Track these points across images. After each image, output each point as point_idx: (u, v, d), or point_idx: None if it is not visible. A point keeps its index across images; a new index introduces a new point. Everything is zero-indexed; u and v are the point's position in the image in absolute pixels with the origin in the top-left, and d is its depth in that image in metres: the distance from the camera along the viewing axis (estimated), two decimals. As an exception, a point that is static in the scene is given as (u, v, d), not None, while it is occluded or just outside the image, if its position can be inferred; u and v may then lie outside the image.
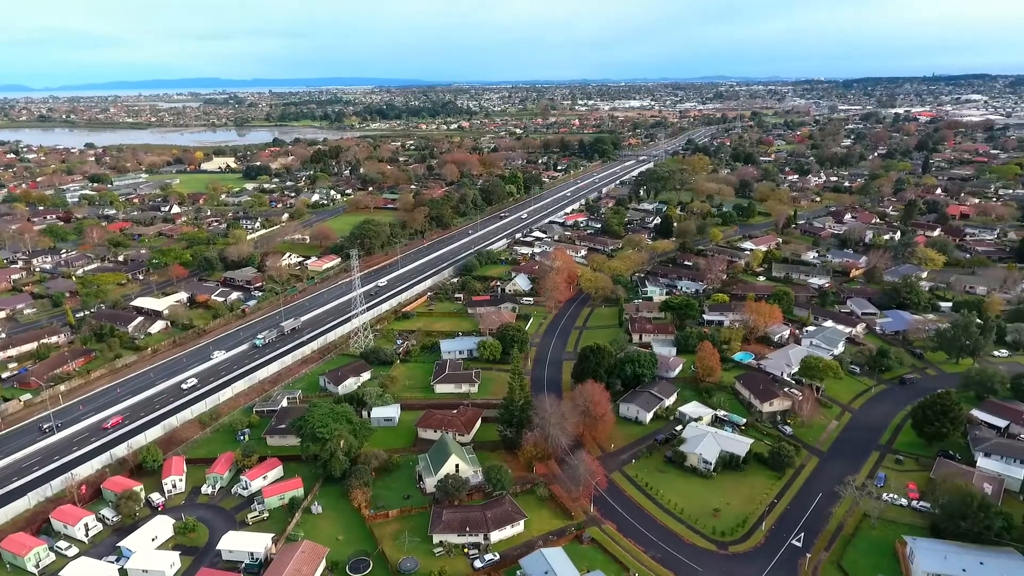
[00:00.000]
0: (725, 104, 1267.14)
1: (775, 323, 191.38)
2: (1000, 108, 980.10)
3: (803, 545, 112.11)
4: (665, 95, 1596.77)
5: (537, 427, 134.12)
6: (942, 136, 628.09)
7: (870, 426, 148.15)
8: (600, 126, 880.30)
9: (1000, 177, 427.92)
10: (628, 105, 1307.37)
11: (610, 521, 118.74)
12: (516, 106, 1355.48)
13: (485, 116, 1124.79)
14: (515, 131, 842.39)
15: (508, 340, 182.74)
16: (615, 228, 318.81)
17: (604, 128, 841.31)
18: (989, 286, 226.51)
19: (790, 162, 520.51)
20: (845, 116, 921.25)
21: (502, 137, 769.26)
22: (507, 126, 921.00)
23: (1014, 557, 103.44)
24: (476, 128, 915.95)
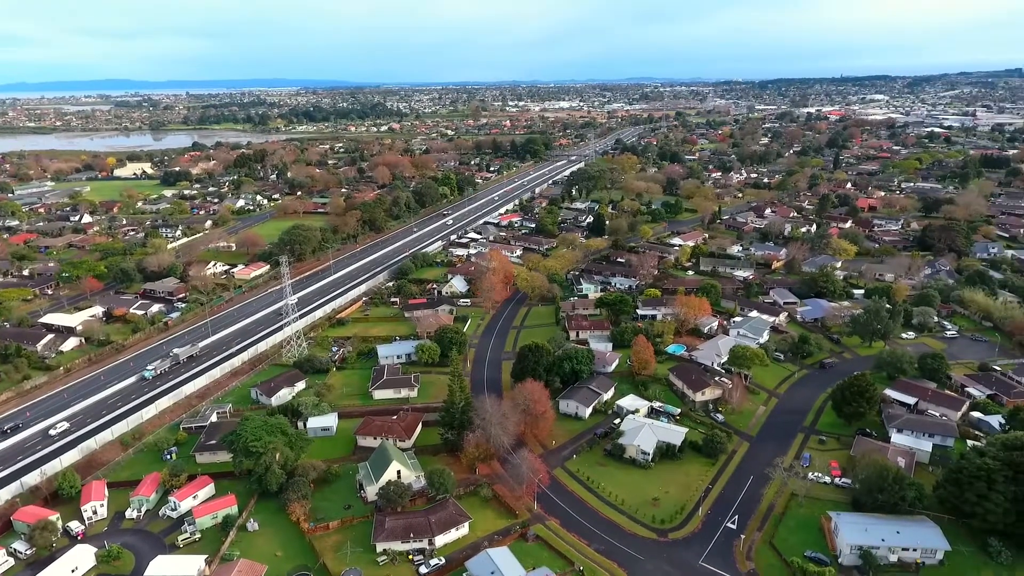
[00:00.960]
0: (651, 105, 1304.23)
1: (704, 315, 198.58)
2: (900, 107, 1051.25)
3: (737, 527, 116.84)
4: (593, 96, 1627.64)
5: (478, 428, 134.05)
6: (850, 134, 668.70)
7: (795, 409, 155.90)
8: (531, 127, 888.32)
9: (902, 171, 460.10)
10: (558, 106, 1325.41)
11: (554, 517, 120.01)
12: (447, 108, 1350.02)
13: (416, 118, 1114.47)
14: (447, 133, 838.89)
15: (446, 342, 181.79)
16: (549, 227, 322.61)
17: (535, 129, 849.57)
18: (896, 273, 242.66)
19: (713, 160, 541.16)
20: (762, 115, 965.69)
21: (434, 139, 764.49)
22: (438, 128, 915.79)
23: (926, 524, 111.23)
24: (407, 130, 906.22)
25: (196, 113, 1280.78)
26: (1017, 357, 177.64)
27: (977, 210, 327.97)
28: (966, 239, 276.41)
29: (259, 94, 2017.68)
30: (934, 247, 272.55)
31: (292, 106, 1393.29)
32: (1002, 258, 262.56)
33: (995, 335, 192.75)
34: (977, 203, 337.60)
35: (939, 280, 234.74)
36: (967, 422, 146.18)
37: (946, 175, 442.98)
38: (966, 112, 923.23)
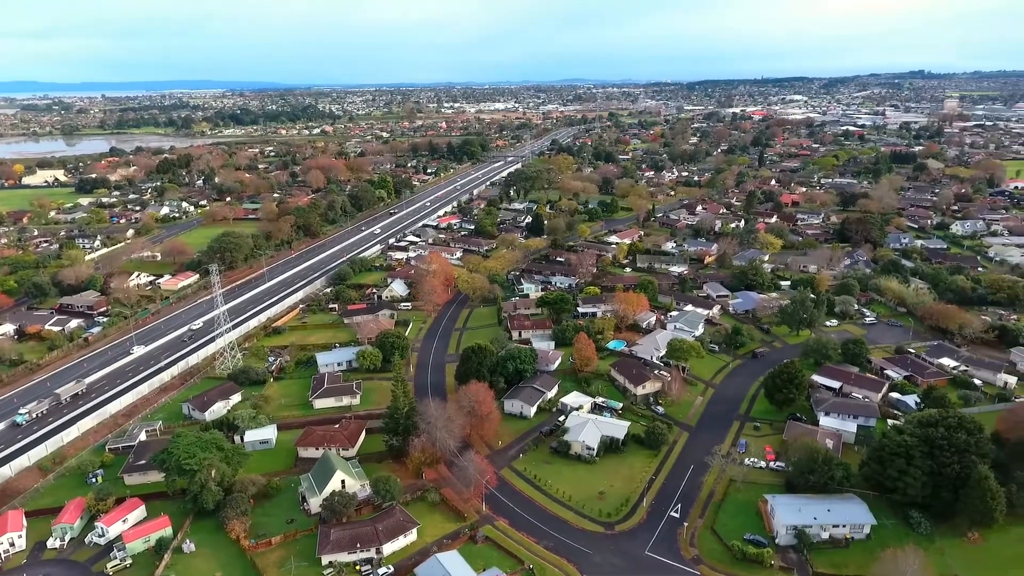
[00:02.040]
0: (584, 106, 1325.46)
1: (643, 311, 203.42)
2: (817, 107, 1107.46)
3: (680, 515, 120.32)
4: (528, 97, 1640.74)
5: (424, 432, 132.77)
6: (772, 133, 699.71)
7: (730, 398, 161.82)
8: (467, 128, 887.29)
9: (821, 168, 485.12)
10: (493, 107, 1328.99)
11: (503, 517, 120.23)
12: (381, 109, 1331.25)
13: (349, 120, 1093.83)
14: (382, 135, 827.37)
15: (388, 347, 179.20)
16: (488, 229, 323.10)
17: (471, 130, 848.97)
18: (819, 265, 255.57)
19: (646, 159, 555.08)
20: (691, 116, 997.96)
21: (368, 141, 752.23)
22: (373, 130, 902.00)
23: (854, 501, 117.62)
24: (340, 132, 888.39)
25: (113, 117, 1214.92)
26: (929, 340, 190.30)
27: (889, 203, 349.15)
28: (880, 231, 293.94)
29: (181, 96, 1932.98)
30: (852, 239, 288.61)
31: (218, 109, 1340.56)
32: (912, 248, 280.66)
33: (909, 320, 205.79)
34: (889, 197, 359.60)
35: (858, 270, 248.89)
36: (887, 403, 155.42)
37: (860, 171, 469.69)
38: (876, 111, 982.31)
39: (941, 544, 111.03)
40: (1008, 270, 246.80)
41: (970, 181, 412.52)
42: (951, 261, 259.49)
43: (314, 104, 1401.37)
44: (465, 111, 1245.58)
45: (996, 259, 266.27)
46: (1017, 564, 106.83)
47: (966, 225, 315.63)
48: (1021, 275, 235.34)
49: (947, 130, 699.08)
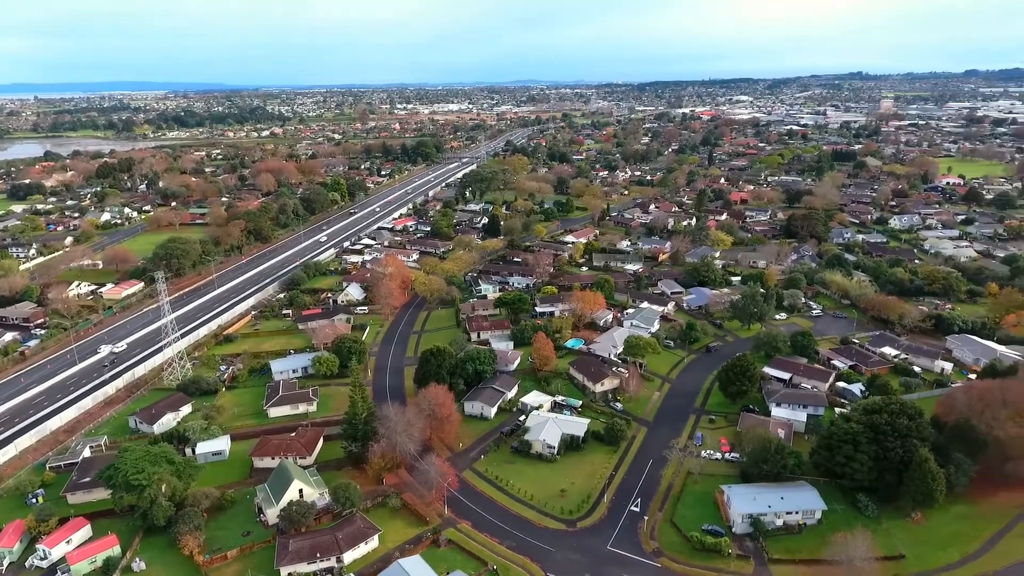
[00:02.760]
0: (538, 107, 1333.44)
1: (600, 309, 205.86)
2: (763, 108, 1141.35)
3: (640, 509, 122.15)
4: (482, 98, 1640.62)
5: (383, 437, 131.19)
6: (721, 132, 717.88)
7: (686, 392, 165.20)
8: (421, 129, 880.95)
9: (767, 166, 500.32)
10: (447, 108, 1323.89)
11: (465, 520, 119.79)
12: (332, 111, 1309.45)
13: (300, 122, 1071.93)
14: (334, 137, 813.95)
15: (345, 352, 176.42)
16: (444, 230, 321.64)
17: (426, 132, 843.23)
18: (767, 260, 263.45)
19: (600, 159, 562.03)
20: (642, 116, 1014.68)
21: (320, 143, 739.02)
22: (324, 132, 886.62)
23: (806, 488, 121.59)
24: (291, 134, 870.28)
25: (48, 119, 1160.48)
26: (871, 330, 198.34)
27: (832, 200, 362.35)
28: (824, 226, 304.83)
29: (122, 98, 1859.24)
30: (798, 234, 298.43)
31: (160, 111, 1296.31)
32: (854, 242, 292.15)
33: (853, 312, 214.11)
34: (831, 193, 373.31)
35: (804, 264, 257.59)
36: (834, 392, 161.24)
37: (804, 169, 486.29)
38: (818, 111, 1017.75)
39: (887, 525, 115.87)
40: (942, 262, 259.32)
41: (906, 178, 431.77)
42: (890, 254, 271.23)
43: (262, 106, 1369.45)
44: (419, 112, 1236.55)
45: (931, 251, 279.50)
46: (956, 540, 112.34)
47: (903, 220, 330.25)
48: (954, 266, 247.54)
49: (884, 129, 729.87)
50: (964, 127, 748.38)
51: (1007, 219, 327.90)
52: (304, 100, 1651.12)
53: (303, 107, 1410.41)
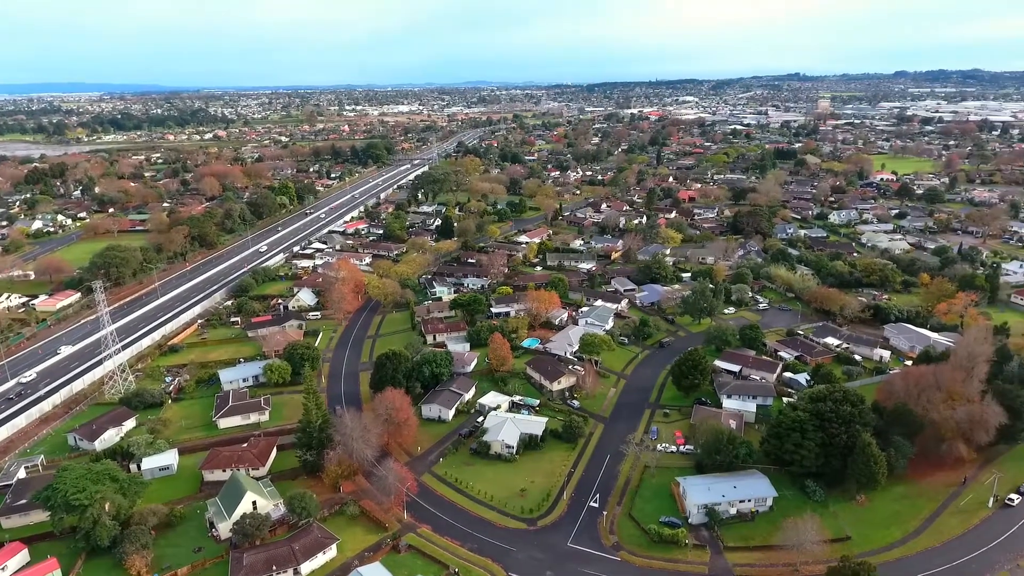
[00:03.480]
0: (489, 107, 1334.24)
1: (555, 308, 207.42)
2: (707, 108, 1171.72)
3: (599, 504, 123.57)
4: (432, 99, 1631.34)
5: (339, 444, 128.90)
6: (668, 132, 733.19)
7: (641, 388, 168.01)
8: (371, 131, 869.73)
9: (713, 165, 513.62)
10: (397, 110, 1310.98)
11: (425, 524, 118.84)
12: (279, 113, 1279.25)
13: (244, 124, 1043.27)
14: (280, 139, 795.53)
15: (297, 359, 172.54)
16: (397, 232, 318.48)
17: (376, 133, 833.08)
18: (715, 256, 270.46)
19: (551, 160, 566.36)
20: (592, 117, 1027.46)
21: (266, 146, 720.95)
22: (271, 134, 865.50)
23: (757, 476, 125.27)
24: (235, 137, 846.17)
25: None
26: (815, 322, 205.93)
27: (775, 196, 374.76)
28: (769, 222, 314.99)
29: (52, 100, 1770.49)
30: (744, 231, 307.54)
31: (95, 113, 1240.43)
32: (797, 237, 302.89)
33: (797, 304, 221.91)
34: (774, 190, 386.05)
35: (750, 260, 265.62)
36: (782, 382, 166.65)
37: (748, 167, 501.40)
38: (760, 111, 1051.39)
39: (834, 509, 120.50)
40: (878, 254, 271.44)
41: (843, 175, 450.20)
42: (830, 248, 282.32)
43: (204, 108, 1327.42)
44: (368, 114, 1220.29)
45: (868, 245, 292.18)
46: (898, 520, 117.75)
47: (842, 215, 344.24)
48: (890, 259, 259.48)
49: (821, 128, 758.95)
50: (895, 126, 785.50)
51: (936, 213, 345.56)
52: (248, 102, 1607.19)
53: (247, 109, 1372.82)
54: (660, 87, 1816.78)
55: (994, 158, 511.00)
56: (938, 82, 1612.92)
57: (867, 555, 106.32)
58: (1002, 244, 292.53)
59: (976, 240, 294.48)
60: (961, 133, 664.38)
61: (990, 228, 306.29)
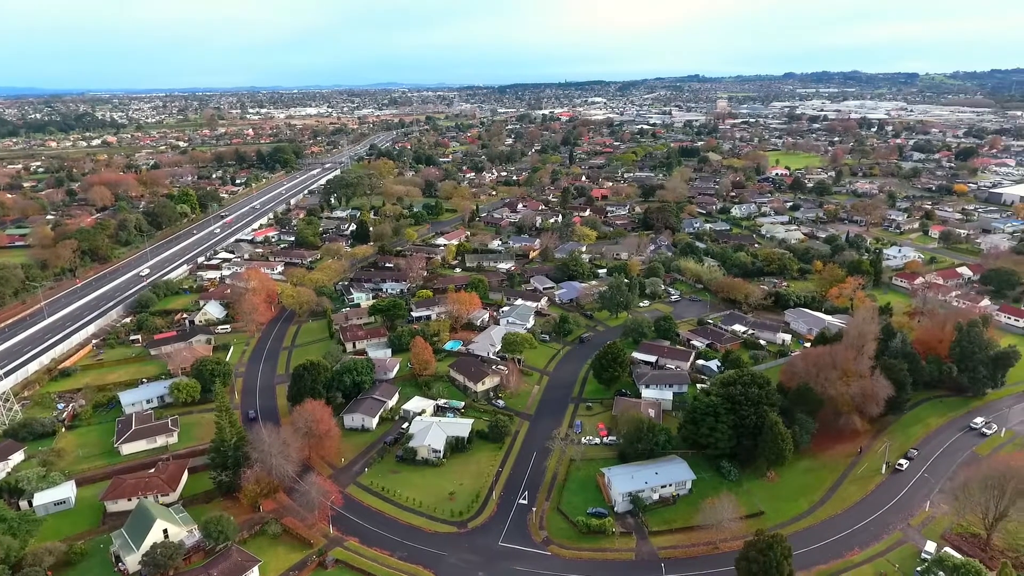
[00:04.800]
0: (401, 110, 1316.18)
1: (475, 309, 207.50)
2: (615, 108, 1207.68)
3: (528, 501, 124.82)
4: (342, 101, 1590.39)
5: (257, 462, 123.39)
6: (579, 133, 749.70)
7: (563, 383, 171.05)
8: (278, 135, 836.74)
9: (623, 164, 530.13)
10: (305, 112, 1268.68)
11: (352, 536, 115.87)
12: (175, 117, 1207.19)
13: (137, 129, 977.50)
14: (178, 144, 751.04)
15: (207, 376, 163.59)
16: (310, 239, 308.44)
17: (283, 137, 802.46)
18: (629, 252, 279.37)
19: (466, 161, 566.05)
20: (504, 118, 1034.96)
21: (163, 152, 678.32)
22: (167, 139, 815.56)
23: (677, 461, 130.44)
24: (127, 143, 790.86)
25: None
26: (723, 310, 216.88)
27: (681, 193, 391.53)
28: (677, 217, 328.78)
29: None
30: (654, 226, 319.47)
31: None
32: (703, 231, 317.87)
33: (706, 295, 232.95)
34: (681, 187, 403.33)
35: (661, 254, 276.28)
36: (695, 369, 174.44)
37: (656, 165, 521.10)
38: (664, 111, 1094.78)
39: (748, 486, 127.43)
40: (776, 244, 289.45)
41: (742, 170, 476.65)
42: (734, 240, 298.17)
43: (91, 112, 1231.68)
44: (274, 117, 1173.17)
45: (767, 236, 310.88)
46: (805, 491, 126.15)
47: (742, 208, 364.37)
48: (787, 248, 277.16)
49: (721, 127, 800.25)
50: (787, 124, 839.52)
51: (825, 204, 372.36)
52: (141, 105, 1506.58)
53: (140, 113, 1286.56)
54: (570, 88, 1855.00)
55: (873, 152, 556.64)
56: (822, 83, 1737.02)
57: (779, 527, 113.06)
58: (882, 231, 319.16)
59: (860, 228, 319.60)
60: (844, 130, 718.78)
61: (872, 217, 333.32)
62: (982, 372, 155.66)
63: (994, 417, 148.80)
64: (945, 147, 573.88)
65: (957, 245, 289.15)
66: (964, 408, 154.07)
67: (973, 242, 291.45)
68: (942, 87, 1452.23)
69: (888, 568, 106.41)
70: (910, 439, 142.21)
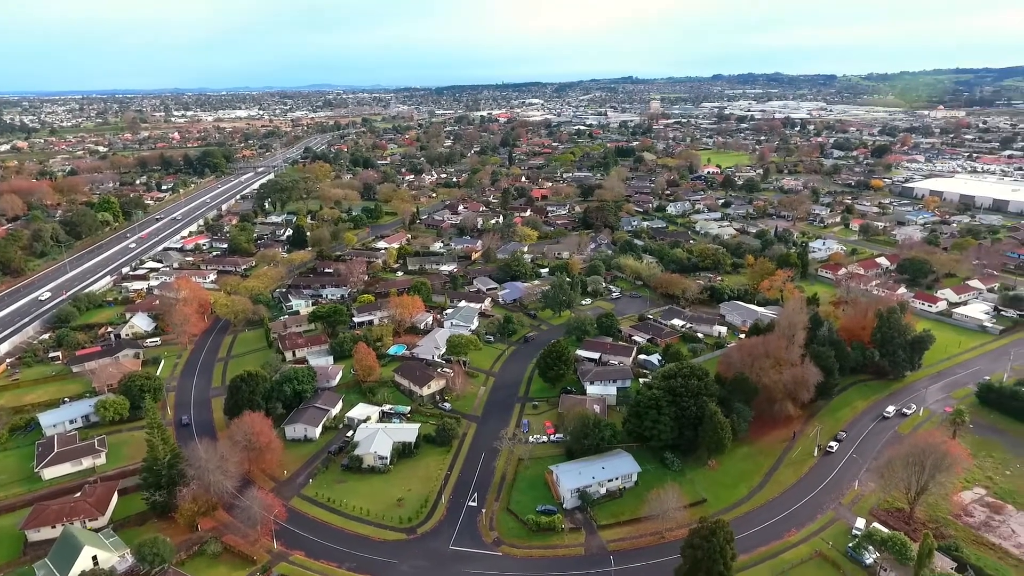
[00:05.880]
0: (336, 112, 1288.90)
1: (419, 312, 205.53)
2: (552, 109, 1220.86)
3: (478, 503, 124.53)
4: (273, 104, 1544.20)
5: (194, 479, 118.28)
6: (517, 134, 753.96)
7: (509, 383, 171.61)
8: (206, 139, 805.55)
9: (562, 164, 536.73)
10: (235, 115, 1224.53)
11: (298, 550, 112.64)
12: (93, 120, 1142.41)
13: (51, 133, 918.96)
14: (98, 149, 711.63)
15: (136, 392, 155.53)
16: (244, 245, 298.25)
17: (212, 141, 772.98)
18: (570, 251, 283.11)
19: (405, 163, 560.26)
20: (443, 120, 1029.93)
21: (80, 158, 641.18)
22: (85, 144, 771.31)
23: (622, 455, 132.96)
24: (40, 149, 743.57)
25: None
26: (662, 306, 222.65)
27: (619, 192, 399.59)
28: (615, 216, 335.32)
29: None
30: (594, 225, 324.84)
31: None
32: (641, 229, 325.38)
33: (646, 291, 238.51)
34: (618, 186, 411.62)
35: (601, 252, 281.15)
36: (637, 364, 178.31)
37: (593, 165, 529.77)
38: (600, 112, 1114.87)
39: (690, 476, 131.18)
40: (710, 240, 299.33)
41: (676, 169, 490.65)
42: (670, 237, 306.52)
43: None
44: (201, 120, 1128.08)
45: (701, 232, 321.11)
46: (744, 477, 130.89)
47: (677, 206, 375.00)
48: (720, 244, 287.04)
49: (655, 127, 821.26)
50: (716, 124, 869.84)
51: (755, 200, 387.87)
52: (54, 108, 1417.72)
53: (54, 116, 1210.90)
54: (507, 90, 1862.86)
55: (797, 151, 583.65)
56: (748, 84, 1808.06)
57: (721, 513, 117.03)
58: (808, 225, 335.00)
59: (788, 223, 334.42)
60: (769, 129, 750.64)
61: (798, 212, 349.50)
62: (901, 356, 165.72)
63: (913, 398, 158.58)
64: (862, 145, 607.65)
65: (875, 237, 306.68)
66: (887, 391, 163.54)
67: (889, 234, 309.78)
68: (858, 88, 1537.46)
69: (822, 546, 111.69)
70: (839, 422, 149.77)
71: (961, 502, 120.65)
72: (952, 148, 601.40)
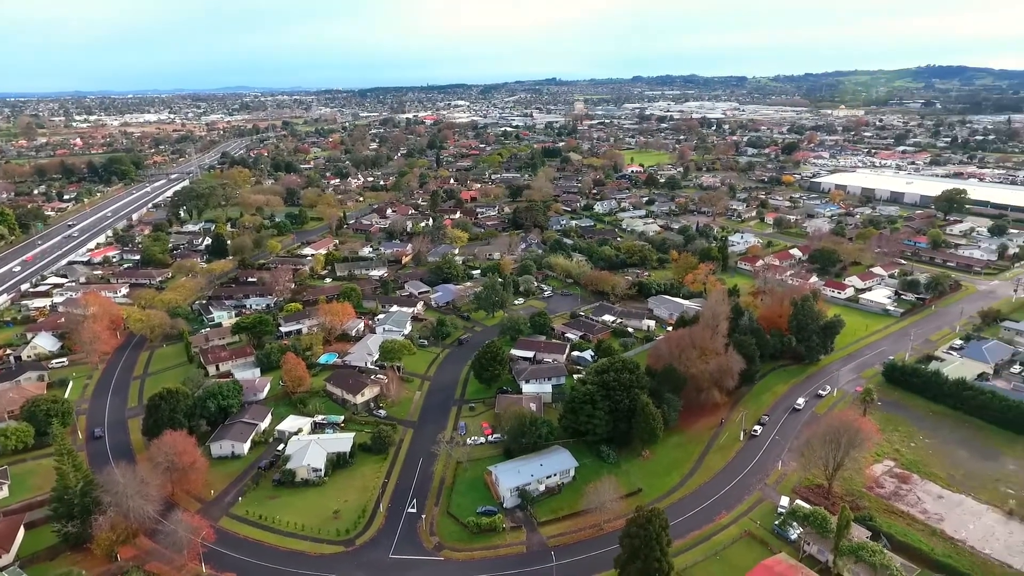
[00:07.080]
0: (254, 115, 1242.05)
1: (349, 319, 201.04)
2: (478, 111, 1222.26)
3: (418, 509, 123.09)
4: (185, 107, 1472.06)
5: (111, 506, 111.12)
6: (444, 136, 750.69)
7: (445, 387, 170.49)
8: (112, 144, 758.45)
9: (490, 165, 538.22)
10: (143, 119, 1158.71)
11: (229, 572, 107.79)
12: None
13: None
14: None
15: (41, 417, 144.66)
16: (159, 256, 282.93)
17: (118, 146, 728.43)
18: (501, 251, 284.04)
19: (329, 167, 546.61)
20: (368, 122, 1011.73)
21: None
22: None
23: (560, 451, 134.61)
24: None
25: None
26: (592, 303, 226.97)
27: (547, 192, 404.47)
28: (544, 216, 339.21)
29: None
30: (523, 225, 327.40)
31: None
32: (569, 228, 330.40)
33: (577, 288, 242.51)
34: (546, 186, 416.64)
35: (532, 252, 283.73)
36: (571, 361, 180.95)
37: (521, 166, 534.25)
38: (526, 113, 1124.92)
39: (626, 467, 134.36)
40: (636, 237, 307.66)
41: (601, 169, 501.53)
42: (598, 235, 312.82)
43: None
44: (106, 124, 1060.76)
45: (628, 229, 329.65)
46: (676, 466, 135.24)
47: (604, 205, 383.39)
48: (646, 240, 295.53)
49: (579, 128, 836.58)
50: (638, 124, 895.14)
51: (677, 197, 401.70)
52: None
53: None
54: (432, 92, 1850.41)
55: (714, 149, 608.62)
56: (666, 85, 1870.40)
57: (656, 501, 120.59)
58: (726, 220, 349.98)
59: (708, 219, 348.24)
60: (688, 129, 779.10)
61: (717, 208, 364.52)
62: (815, 341, 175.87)
63: (827, 379, 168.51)
64: (773, 142, 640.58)
65: (788, 230, 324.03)
66: (803, 374, 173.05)
67: (800, 226, 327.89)
68: (767, 89, 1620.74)
69: (751, 525, 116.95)
70: (762, 407, 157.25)
71: (873, 475, 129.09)
72: (853, 145, 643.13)
